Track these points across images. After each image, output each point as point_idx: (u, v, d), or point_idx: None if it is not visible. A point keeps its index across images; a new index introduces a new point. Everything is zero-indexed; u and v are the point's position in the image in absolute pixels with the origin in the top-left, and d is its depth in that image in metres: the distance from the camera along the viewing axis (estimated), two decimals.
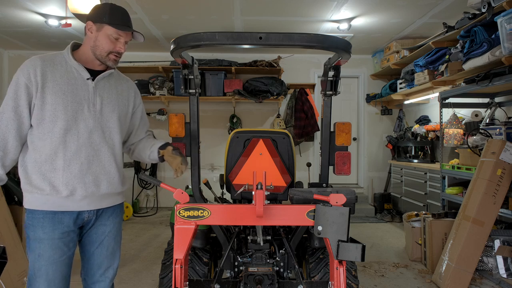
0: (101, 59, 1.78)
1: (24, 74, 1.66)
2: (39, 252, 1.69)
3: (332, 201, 1.67)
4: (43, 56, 1.73)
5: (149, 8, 4.68)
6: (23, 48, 6.59)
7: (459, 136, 4.21)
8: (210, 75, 6.38)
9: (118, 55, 1.80)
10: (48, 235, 1.70)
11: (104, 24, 1.73)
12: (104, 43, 1.75)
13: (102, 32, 1.74)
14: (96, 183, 1.78)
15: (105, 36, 1.74)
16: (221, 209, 1.73)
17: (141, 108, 2.06)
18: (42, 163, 1.70)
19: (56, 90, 1.69)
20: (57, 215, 1.72)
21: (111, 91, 1.86)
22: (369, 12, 4.81)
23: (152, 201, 6.93)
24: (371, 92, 7.04)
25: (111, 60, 1.79)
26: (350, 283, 2.25)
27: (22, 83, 1.66)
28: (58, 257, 1.72)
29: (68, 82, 1.72)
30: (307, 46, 1.64)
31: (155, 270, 3.69)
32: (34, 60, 1.70)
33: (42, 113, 1.68)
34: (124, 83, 1.97)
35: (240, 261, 2.34)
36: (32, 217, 1.71)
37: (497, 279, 3.31)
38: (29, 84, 1.66)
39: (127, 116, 1.96)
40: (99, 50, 1.76)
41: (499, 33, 3.24)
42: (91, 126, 1.76)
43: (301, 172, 4.77)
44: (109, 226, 1.90)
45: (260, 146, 2.46)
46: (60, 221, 1.72)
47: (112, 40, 1.75)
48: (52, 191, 1.69)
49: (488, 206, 3.21)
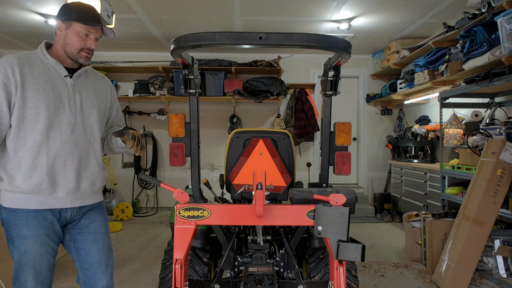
0: (72, 56, 1.79)
1: (1, 72, 1.64)
2: (25, 248, 1.71)
3: (332, 201, 1.67)
4: (17, 55, 1.72)
5: (149, 8, 4.68)
6: (23, 48, 6.59)
7: (459, 136, 4.21)
8: (210, 75, 6.38)
9: (89, 51, 1.80)
10: (33, 232, 1.71)
11: (72, 21, 1.74)
12: (74, 40, 1.76)
13: (71, 29, 1.75)
14: (77, 180, 1.80)
15: (74, 33, 1.75)
16: (221, 209, 1.74)
17: (117, 104, 2.09)
18: (24, 161, 1.69)
19: (36, 88, 1.69)
20: (40, 212, 1.73)
21: (89, 88, 1.88)
22: (369, 12, 4.81)
23: (152, 201, 6.93)
24: (371, 92, 7.04)
25: (82, 57, 1.80)
26: (350, 283, 2.25)
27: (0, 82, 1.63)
28: (44, 251, 1.75)
29: (47, 80, 1.73)
30: (307, 46, 1.64)
31: (155, 270, 3.69)
32: (9, 58, 1.68)
33: (23, 111, 1.67)
34: (100, 80, 1.99)
35: (240, 261, 2.34)
36: (14, 215, 1.71)
37: (497, 279, 3.31)
38: (7, 82, 1.64)
39: (105, 112, 1.99)
40: (69, 47, 1.76)
41: (499, 33, 3.24)
42: (73, 122, 1.78)
43: (301, 172, 4.77)
44: (99, 222, 1.93)
45: (260, 146, 2.46)
46: (44, 218, 1.74)
47: (82, 37, 1.76)
48: (35, 189, 1.70)
49: (488, 206, 3.21)
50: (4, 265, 2.97)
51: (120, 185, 6.76)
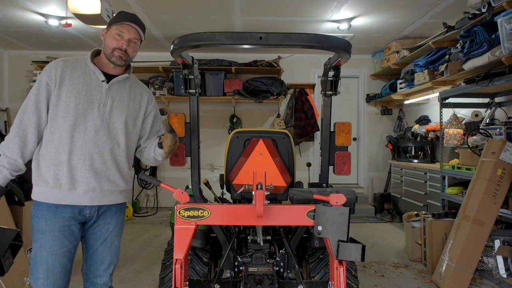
0: (108, 57, 1.88)
1: (46, 73, 1.81)
2: (41, 243, 1.78)
3: (332, 201, 1.67)
4: (66, 59, 1.88)
5: (149, 8, 4.69)
6: (23, 48, 6.59)
7: (459, 136, 4.21)
8: (210, 75, 6.38)
9: (121, 52, 1.86)
10: (50, 227, 1.78)
11: (111, 25, 1.87)
12: (109, 41, 1.86)
13: (109, 33, 1.88)
14: (97, 180, 1.84)
15: (110, 35, 1.87)
16: (221, 209, 1.74)
17: (153, 114, 2.10)
18: (50, 156, 1.79)
19: (71, 89, 1.81)
20: (60, 208, 1.80)
21: (123, 95, 1.94)
22: (369, 12, 4.81)
23: (152, 201, 6.93)
24: (371, 92, 7.04)
25: (115, 57, 1.87)
26: (350, 283, 2.25)
27: (44, 81, 1.79)
28: (59, 248, 1.79)
29: (84, 83, 1.84)
30: (307, 46, 1.64)
31: (155, 270, 3.69)
32: (57, 61, 1.85)
33: (56, 109, 1.80)
34: (139, 89, 2.04)
35: (240, 261, 2.34)
36: (37, 208, 1.81)
37: (497, 279, 3.31)
38: (49, 82, 1.79)
39: (137, 120, 2.01)
40: (106, 48, 1.88)
41: (499, 33, 3.25)
42: (99, 124, 1.85)
43: (301, 172, 4.77)
44: (113, 224, 1.97)
45: (260, 146, 2.46)
46: (62, 215, 1.80)
47: (116, 38, 1.86)
48: (55, 184, 1.78)
49: (488, 206, 3.21)
50: None
51: None
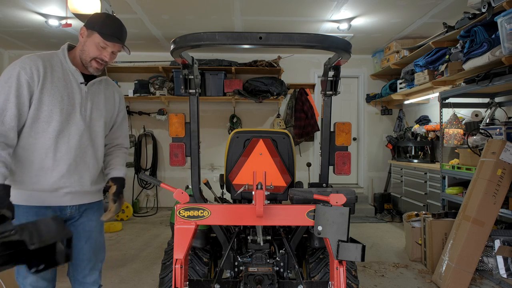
0: (84, 63, 1.83)
1: (26, 72, 1.68)
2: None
3: (332, 201, 1.67)
4: (42, 56, 1.76)
5: (149, 8, 4.68)
6: (23, 48, 6.59)
7: (459, 136, 4.21)
8: (210, 75, 6.38)
9: (101, 62, 1.83)
10: None
11: (94, 31, 1.77)
12: (90, 49, 1.79)
13: (91, 38, 1.79)
14: (80, 182, 1.85)
15: (92, 43, 1.79)
16: (221, 209, 1.74)
17: (122, 114, 2.11)
18: (32, 161, 1.74)
19: (54, 92, 1.74)
20: (41, 209, 1.78)
21: (100, 96, 1.93)
22: (369, 12, 4.81)
23: (152, 201, 6.93)
24: (371, 92, 7.04)
25: (92, 67, 1.83)
26: (350, 283, 2.25)
27: (24, 81, 1.67)
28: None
29: (65, 85, 1.78)
30: (307, 46, 1.64)
31: (155, 270, 3.69)
32: (35, 59, 1.72)
33: (37, 113, 1.72)
34: (111, 88, 2.03)
35: (240, 261, 2.34)
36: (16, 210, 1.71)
37: (497, 279, 3.31)
38: (31, 82, 1.69)
39: (111, 120, 2.04)
40: (84, 54, 1.81)
41: (499, 33, 3.24)
42: (82, 129, 1.83)
43: (301, 172, 4.77)
44: (95, 221, 1.97)
45: (260, 146, 2.46)
46: (44, 214, 1.78)
47: (98, 48, 1.79)
48: (37, 187, 1.75)
49: (488, 206, 3.21)
50: None
51: None
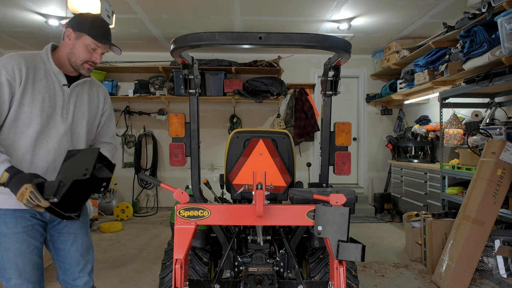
0: (75, 66, 1.80)
1: (8, 71, 1.63)
2: (6, 246, 1.72)
3: (332, 201, 1.67)
4: (24, 56, 1.71)
5: (149, 8, 4.68)
6: (23, 48, 6.59)
7: (459, 136, 4.21)
8: (210, 75, 6.38)
9: (93, 64, 1.82)
10: (12, 229, 1.72)
11: (83, 33, 1.75)
12: (81, 52, 1.77)
13: (80, 40, 1.76)
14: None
15: (83, 45, 1.77)
16: (221, 209, 1.74)
17: (108, 114, 2.07)
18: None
19: (35, 94, 1.70)
20: (18, 212, 1.74)
21: (83, 98, 1.89)
22: (369, 12, 4.81)
23: (152, 201, 6.93)
24: (371, 92, 7.04)
25: (85, 69, 1.82)
26: (350, 283, 2.25)
27: (5, 80, 1.62)
28: (26, 248, 1.74)
29: (47, 87, 1.74)
30: (307, 46, 1.64)
31: (155, 270, 3.69)
32: (17, 58, 1.67)
33: (17, 114, 1.68)
34: (95, 89, 2.00)
35: (240, 261, 2.34)
36: None
37: (497, 279, 3.31)
38: (12, 82, 1.64)
39: (95, 122, 2.00)
40: (74, 57, 1.78)
41: (499, 33, 3.24)
42: (62, 132, 1.79)
43: (301, 172, 4.78)
44: (79, 223, 1.94)
45: (260, 146, 2.46)
46: (22, 216, 1.75)
47: (89, 50, 1.78)
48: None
49: (488, 206, 3.21)
50: None
51: (120, 185, 6.77)
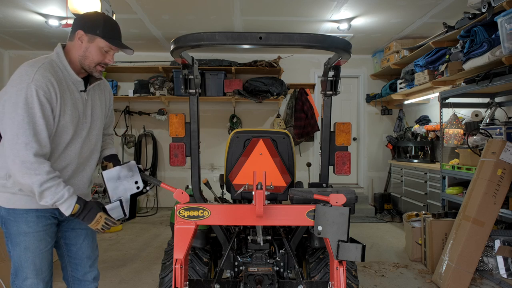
0: (88, 69, 1.79)
1: (45, 91, 1.60)
2: (25, 245, 1.74)
3: (332, 201, 1.67)
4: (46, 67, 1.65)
5: (149, 8, 4.68)
6: (23, 48, 6.59)
7: (459, 136, 4.21)
8: (210, 75, 6.38)
9: (105, 65, 1.83)
10: (33, 228, 1.75)
11: (96, 36, 1.72)
12: (95, 55, 1.75)
13: (94, 44, 1.74)
14: (79, 187, 1.87)
15: (96, 48, 1.74)
16: (221, 209, 1.74)
17: (112, 105, 2.14)
18: None
19: (65, 105, 1.70)
20: (40, 211, 1.77)
21: (96, 99, 1.93)
22: (369, 12, 4.81)
23: (152, 201, 6.93)
24: (371, 92, 7.04)
25: (97, 71, 1.82)
26: (350, 283, 2.25)
27: (45, 100, 1.60)
28: (44, 247, 1.78)
29: (71, 96, 1.75)
30: (307, 46, 1.64)
31: (155, 270, 3.69)
32: (46, 74, 1.63)
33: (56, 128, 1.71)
34: (103, 87, 2.02)
35: (240, 261, 2.34)
36: (13, 213, 1.74)
37: (497, 279, 3.31)
38: (50, 100, 1.63)
39: (106, 117, 2.07)
40: (88, 61, 1.76)
41: (499, 33, 3.24)
42: (84, 136, 1.84)
43: (301, 172, 4.77)
44: None
45: (260, 146, 2.45)
46: (43, 216, 1.78)
47: (102, 53, 1.76)
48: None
49: (488, 206, 3.21)
50: (4, 265, 2.97)
51: None
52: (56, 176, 1.64)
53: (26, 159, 1.56)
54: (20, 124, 1.55)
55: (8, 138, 1.57)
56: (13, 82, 1.60)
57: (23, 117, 1.55)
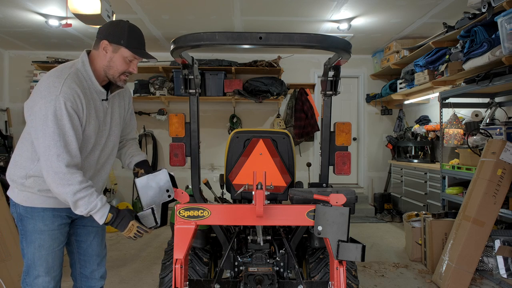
0: (112, 79, 1.80)
1: (72, 102, 1.63)
2: (40, 243, 1.78)
3: (332, 201, 1.67)
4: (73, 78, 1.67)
5: (149, 8, 4.68)
6: (23, 48, 6.59)
7: (459, 136, 4.21)
8: (210, 75, 6.38)
9: (129, 74, 1.83)
10: (49, 226, 1.79)
11: (121, 46, 1.72)
12: (119, 65, 1.76)
13: (118, 54, 1.74)
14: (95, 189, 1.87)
15: (121, 58, 1.75)
16: (221, 209, 1.74)
17: (131, 111, 2.16)
18: None
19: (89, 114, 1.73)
20: (56, 210, 1.81)
21: (115, 106, 1.94)
22: (369, 12, 4.81)
23: None
24: (371, 92, 7.04)
25: (121, 81, 1.82)
26: (350, 283, 2.25)
27: (73, 112, 1.63)
28: (56, 246, 1.82)
29: (94, 106, 1.77)
30: (307, 46, 1.64)
31: (155, 270, 3.69)
32: (73, 85, 1.65)
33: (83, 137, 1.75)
34: (123, 92, 2.02)
35: (240, 261, 2.34)
36: (31, 211, 1.77)
37: (497, 279, 3.31)
38: (77, 111, 1.66)
39: (124, 122, 2.08)
40: (112, 70, 1.77)
41: (499, 33, 3.24)
42: (103, 143, 1.86)
43: (301, 172, 4.77)
44: None
45: (260, 146, 2.45)
46: (59, 215, 1.82)
47: (126, 62, 1.77)
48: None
49: (488, 206, 3.21)
50: (4, 265, 2.97)
51: (120, 185, 6.76)
52: (88, 186, 1.66)
53: (59, 170, 1.59)
54: (51, 136, 1.58)
55: (41, 151, 1.61)
56: (41, 94, 1.62)
57: (54, 129, 1.59)
